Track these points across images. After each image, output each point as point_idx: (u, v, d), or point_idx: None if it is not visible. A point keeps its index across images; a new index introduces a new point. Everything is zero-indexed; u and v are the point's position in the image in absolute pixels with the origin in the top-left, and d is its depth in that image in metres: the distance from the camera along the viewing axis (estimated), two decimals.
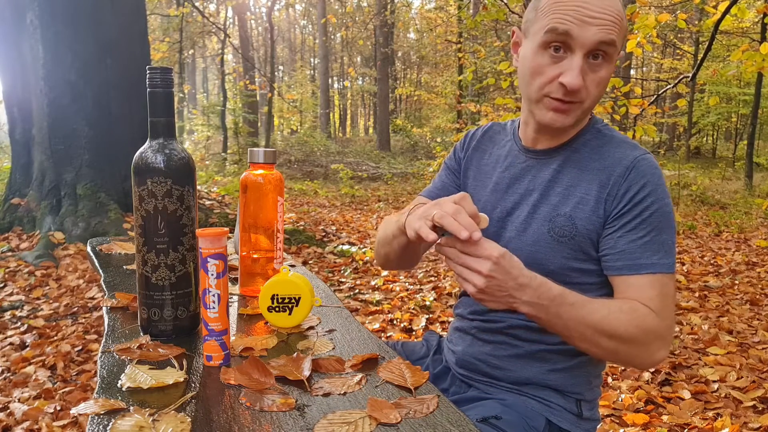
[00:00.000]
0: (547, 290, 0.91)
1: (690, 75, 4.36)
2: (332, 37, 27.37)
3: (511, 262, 0.88)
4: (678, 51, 19.35)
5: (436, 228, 0.89)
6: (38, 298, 3.61)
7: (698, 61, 4.31)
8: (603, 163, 1.03)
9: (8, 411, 2.23)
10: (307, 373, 0.83)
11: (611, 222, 1.00)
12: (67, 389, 2.40)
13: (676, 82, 4.71)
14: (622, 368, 2.71)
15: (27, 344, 2.91)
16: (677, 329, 3.24)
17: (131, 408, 0.73)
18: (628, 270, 0.98)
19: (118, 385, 0.79)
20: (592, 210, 1.01)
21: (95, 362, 2.59)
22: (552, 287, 0.91)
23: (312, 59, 34.68)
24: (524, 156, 1.11)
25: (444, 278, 4.30)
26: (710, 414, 2.28)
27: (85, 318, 3.27)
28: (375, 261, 1.23)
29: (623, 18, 0.98)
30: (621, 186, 1.00)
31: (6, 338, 2.98)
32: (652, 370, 2.67)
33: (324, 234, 5.76)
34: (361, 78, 30.82)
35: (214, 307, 0.85)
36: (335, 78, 32.63)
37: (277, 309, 1.01)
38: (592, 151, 1.05)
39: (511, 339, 1.09)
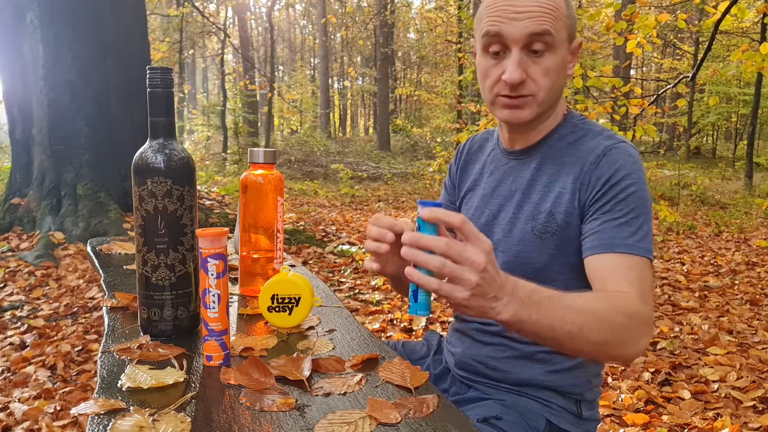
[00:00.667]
0: (522, 286, 0.79)
1: (690, 75, 4.36)
2: (332, 37, 27.38)
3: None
4: (678, 51, 19.36)
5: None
6: (38, 298, 3.61)
7: (698, 61, 4.31)
8: (578, 155, 1.04)
9: (8, 411, 2.23)
10: (307, 373, 0.83)
11: (588, 210, 1.00)
12: (67, 389, 2.40)
13: (676, 82, 4.71)
14: (622, 368, 2.71)
15: (27, 344, 2.91)
16: (677, 329, 3.24)
17: (131, 408, 0.73)
18: (603, 248, 0.94)
19: (118, 385, 0.79)
20: (569, 202, 1.01)
21: (95, 362, 2.59)
22: (526, 283, 0.81)
23: (312, 59, 34.69)
24: (505, 159, 1.13)
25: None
26: (710, 414, 2.28)
27: (85, 318, 3.27)
28: None
29: (559, 6, 0.99)
30: (593, 173, 1.00)
31: (6, 338, 2.98)
32: (653, 370, 2.67)
33: (324, 234, 5.77)
34: (361, 78, 30.83)
35: (214, 307, 0.85)
36: (335, 78, 32.63)
37: (277, 309, 1.01)
38: (569, 146, 1.06)
39: (509, 341, 1.09)
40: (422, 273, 0.75)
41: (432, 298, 0.82)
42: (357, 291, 3.96)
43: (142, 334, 0.97)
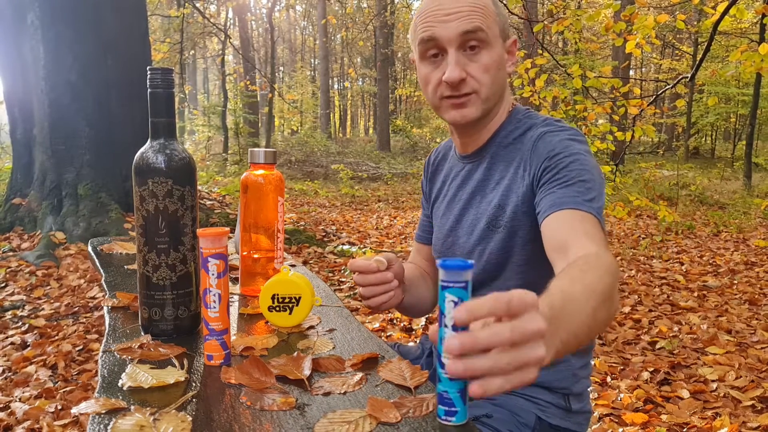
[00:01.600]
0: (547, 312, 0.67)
1: (689, 75, 4.36)
2: (332, 38, 27.36)
3: None
4: (677, 51, 19.36)
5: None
6: (39, 298, 3.61)
7: (697, 62, 4.31)
8: (521, 148, 1.07)
9: (9, 410, 2.23)
10: (307, 372, 0.83)
11: (536, 191, 1.01)
12: (68, 389, 2.41)
13: (675, 82, 4.71)
14: (621, 368, 2.71)
15: (28, 344, 2.91)
16: (676, 329, 3.25)
17: (132, 407, 0.73)
18: (554, 207, 0.93)
19: (119, 384, 0.79)
20: (515, 192, 1.05)
21: (96, 362, 2.60)
22: (544, 307, 0.67)
23: (312, 60, 34.68)
24: (461, 163, 1.17)
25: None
26: (709, 413, 2.28)
27: (86, 318, 3.28)
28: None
29: (486, 5, 1.03)
30: (532, 158, 1.03)
31: (7, 338, 2.98)
32: (651, 369, 2.68)
33: (324, 234, 5.77)
34: (361, 79, 30.83)
35: (214, 307, 0.85)
36: (335, 79, 32.62)
37: (277, 308, 1.02)
38: (515, 141, 1.09)
39: None
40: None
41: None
42: (357, 290, 3.96)
43: (143, 333, 0.97)
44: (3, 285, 3.80)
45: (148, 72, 0.93)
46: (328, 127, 23.32)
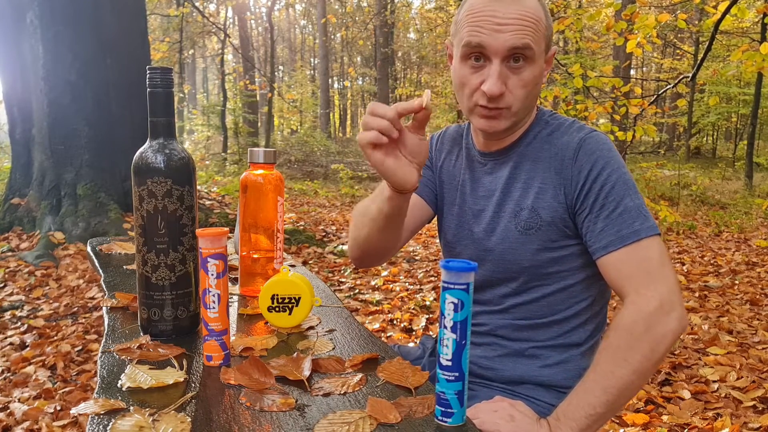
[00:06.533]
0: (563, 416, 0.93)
1: (690, 75, 4.36)
2: (332, 37, 27.36)
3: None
4: (678, 51, 19.37)
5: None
6: (38, 298, 3.61)
7: (698, 61, 4.31)
8: (553, 150, 1.05)
9: (8, 411, 2.23)
10: (307, 373, 0.83)
11: (579, 207, 1.01)
12: (67, 389, 2.40)
13: (676, 82, 4.71)
14: None
15: (27, 344, 2.91)
16: None
17: (131, 408, 0.73)
18: (613, 245, 0.96)
19: (118, 385, 0.79)
20: (553, 197, 1.03)
21: (95, 362, 2.59)
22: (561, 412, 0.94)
23: (312, 59, 34.69)
24: (483, 159, 1.14)
25: None
26: (710, 414, 2.28)
27: (85, 318, 3.27)
28: (350, 257, 1.23)
29: (540, 18, 0.99)
30: (573, 168, 1.01)
31: (6, 338, 2.98)
32: None
33: (324, 234, 5.77)
34: (361, 78, 30.82)
35: (214, 307, 0.85)
36: (335, 78, 32.61)
37: (277, 309, 1.01)
38: (543, 142, 1.07)
39: (500, 339, 1.10)
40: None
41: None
42: (357, 291, 3.96)
43: (142, 334, 0.97)
44: (2, 285, 3.80)
45: (148, 71, 0.93)
46: (327, 127, 23.31)
